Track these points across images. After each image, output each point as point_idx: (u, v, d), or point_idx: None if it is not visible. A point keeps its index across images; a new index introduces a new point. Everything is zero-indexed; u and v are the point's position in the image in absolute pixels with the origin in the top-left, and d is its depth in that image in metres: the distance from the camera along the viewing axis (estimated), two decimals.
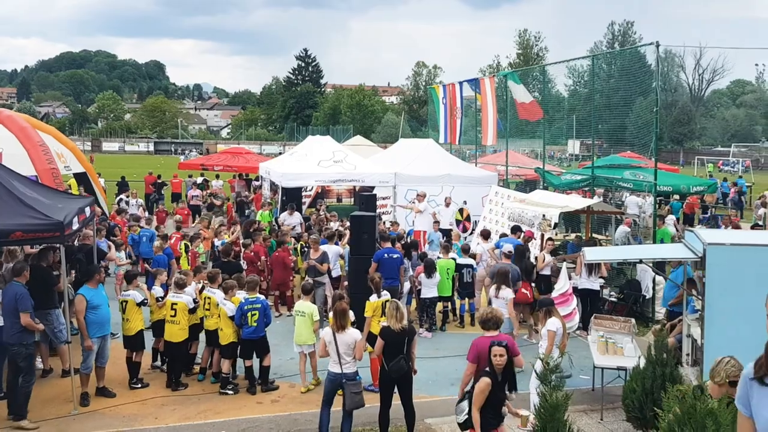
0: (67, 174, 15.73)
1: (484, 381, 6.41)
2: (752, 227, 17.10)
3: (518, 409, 6.79)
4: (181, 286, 9.69)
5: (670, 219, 20.79)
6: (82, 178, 16.16)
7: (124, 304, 9.67)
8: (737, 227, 17.08)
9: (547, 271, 12.58)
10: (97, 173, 19.83)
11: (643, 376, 7.79)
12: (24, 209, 8.27)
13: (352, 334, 7.98)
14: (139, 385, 9.67)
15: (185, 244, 14.01)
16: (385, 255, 11.85)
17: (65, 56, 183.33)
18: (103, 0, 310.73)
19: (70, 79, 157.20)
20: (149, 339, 10.16)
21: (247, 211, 22.39)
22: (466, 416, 6.59)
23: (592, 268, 11.93)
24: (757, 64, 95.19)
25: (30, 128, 14.35)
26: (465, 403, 6.72)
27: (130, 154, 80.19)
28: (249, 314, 9.31)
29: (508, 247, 11.92)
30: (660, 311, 13.10)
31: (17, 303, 8.34)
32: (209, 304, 9.75)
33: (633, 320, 9.94)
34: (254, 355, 9.62)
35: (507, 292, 10.51)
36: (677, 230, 17.78)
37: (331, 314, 8.47)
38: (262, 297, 9.83)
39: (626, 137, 23.09)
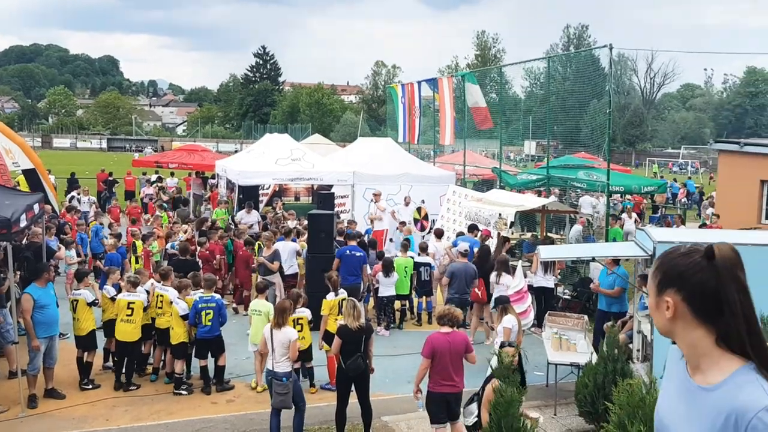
0: (15, 170, 15.26)
1: (496, 382, 6.39)
2: (700, 226, 17.67)
3: (528, 410, 6.74)
4: (135, 284, 9.50)
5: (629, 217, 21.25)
6: (31, 175, 15.66)
7: (74, 303, 9.47)
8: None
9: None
10: (47, 170, 19.28)
11: (595, 372, 7.96)
12: None
13: (288, 333, 7.90)
14: (90, 386, 9.48)
15: (135, 242, 13.74)
16: (347, 252, 11.87)
17: (14, 49, 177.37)
18: None
19: (19, 73, 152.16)
20: (101, 339, 9.94)
21: (202, 209, 22.09)
22: (476, 418, 6.60)
23: (548, 266, 12.14)
24: (705, 69, 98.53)
25: None
26: (474, 406, 6.74)
27: (82, 150, 78.11)
28: (203, 313, 9.19)
29: (463, 246, 12.04)
30: None
31: None
32: (161, 302, 9.58)
33: (586, 317, 10.16)
34: (209, 355, 9.50)
35: (507, 279, 10.56)
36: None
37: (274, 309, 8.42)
38: (218, 296, 9.71)
39: (581, 138, 23.55)
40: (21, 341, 9.43)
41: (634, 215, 20.16)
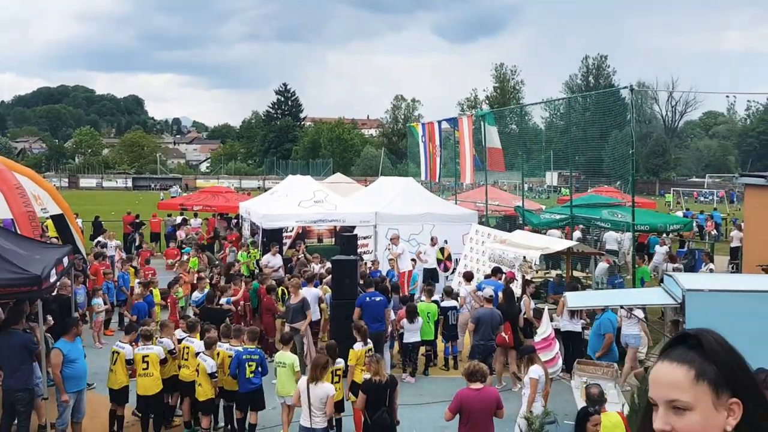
0: (43, 216, 15.55)
1: None
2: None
3: None
4: (147, 337, 9.53)
5: (662, 249, 20.85)
6: (59, 220, 15.93)
7: (115, 355, 9.49)
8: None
9: (531, 314, 12.61)
10: (75, 213, 19.61)
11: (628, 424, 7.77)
12: (1, 263, 8.14)
13: (326, 388, 7.89)
14: None
15: (153, 291, 13.77)
16: (367, 299, 11.80)
17: (42, 91, 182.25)
18: (79, 35, 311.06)
19: (47, 114, 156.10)
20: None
21: (227, 251, 22.22)
22: None
23: (575, 310, 11.97)
24: (727, 96, 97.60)
25: (6, 170, 14.19)
26: None
27: (107, 189, 79.48)
28: (246, 365, 9.16)
29: (488, 291, 11.93)
30: (642, 351, 13.17)
31: (27, 348, 8.64)
32: (187, 354, 9.60)
33: (616, 365, 9.97)
34: (249, 408, 9.44)
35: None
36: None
37: (310, 364, 8.41)
38: (260, 348, 9.70)
39: (603, 169, 23.44)
40: (49, 395, 9.52)
41: (665, 248, 19.72)
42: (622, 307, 10.22)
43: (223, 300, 12.87)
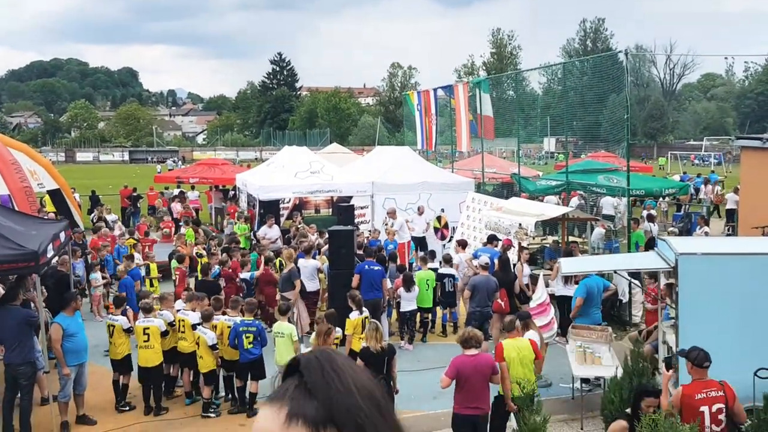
0: (40, 191, 15.55)
1: (620, 424, 6.28)
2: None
3: None
4: (147, 310, 9.63)
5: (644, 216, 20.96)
6: (56, 195, 15.95)
7: (111, 328, 9.64)
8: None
9: (525, 281, 12.71)
10: (72, 188, 19.60)
11: (621, 386, 7.93)
12: None
13: None
14: (127, 408, 9.66)
15: (149, 264, 13.84)
16: (366, 267, 11.91)
17: (35, 65, 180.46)
18: (71, 7, 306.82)
19: (41, 88, 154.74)
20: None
21: (224, 222, 22.28)
22: None
23: (569, 276, 12.06)
24: (726, 58, 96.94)
25: (1, 146, 14.18)
26: None
27: (104, 163, 79.19)
28: (244, 337, 9.27)
29: (484, 259, 12.00)
30: (636, 314, 13.33)
31: (27, 322, 8.73)
32: (183, 326, 9.71)
33: (610, 329, 10.10)
34: (249, 377, 9.57)
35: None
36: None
37: (314, 333, 8.50)
38: (258, 321, 9.79)
39: (600, 134, 23.34)
40: (51, 369, 9.65)
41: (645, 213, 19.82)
42: (615, 272, 10.30)
43: (245, 275, 12.94)
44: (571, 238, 16.10)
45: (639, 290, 12.86)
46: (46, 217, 14.11)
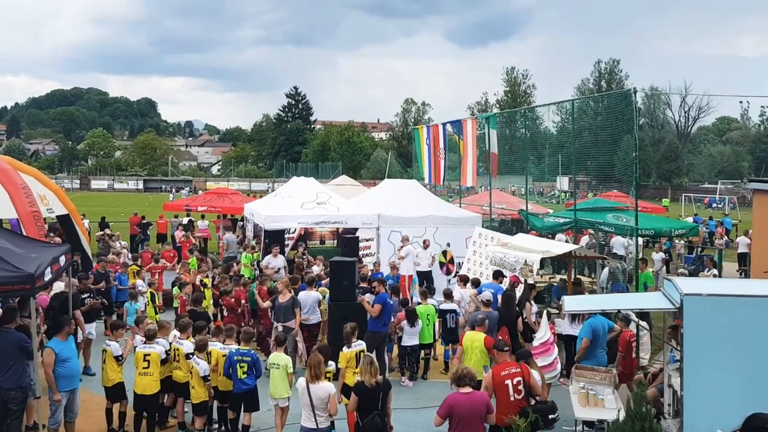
0: (49, 216, 15.59)
1: None
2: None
3: None
4: (151, 336, 9.51)
5: (658, 256, 20.67)
6: (65, 221, 15.97)
7: (104, 353, 9.52)
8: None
9: (533, 318, 12.48)
10: (82, 214, 19.69)
11: (623, 430, 7.63)
12: None
13: (326, 387, 7.85)
14: None
15: (153, 293, 13.75)
16: (389, 299, 11.89)
17: (56, 93, 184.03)
18: (93, 38, 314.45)
19: (60, 116, 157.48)
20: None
21: (232, 252, 22.22)
22: None
23: (576, 315, 11.82)
24: (741, 102, 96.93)
25: (12, 170, 14.23)
26: None
27: (119, 191, 80.00)
28: (238, 366, 9.11)
29: (486, 295, 11.80)
30: (644, 358, 13.00)
31: (20, 347, 8.58)
32: (178, 355, 9.56)
33: (614, 370, 9.82)
34: (242, 409, 9.37)
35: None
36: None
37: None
38: (253, 351, 9.65)
39: (614, 174, 23.19)
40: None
41: (661, 254, 19.63)
42: (619, 311, 10.06)
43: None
44: (582, 279, 15.85)
45: (646, 332, 12.56)
46: (50, 242, 14.08)
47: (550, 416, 8.05)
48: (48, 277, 8.97)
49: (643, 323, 12.38)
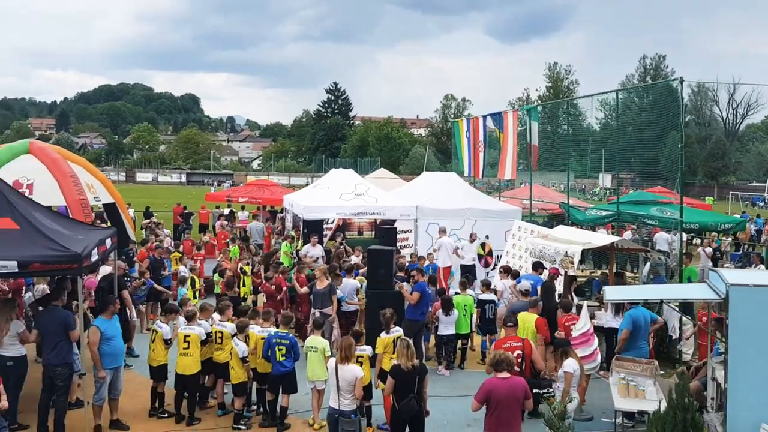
0: (96, 204, 16.02)
1: None
2: None
3: None
4: (191, 318, 9.69)
5: (704, 251, 20.22)
6: (111, 209, 16.38)
7: (154, 334, 9.75)
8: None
9: (572, 311, 12.31)
10: (127, 204, 20.17)
11: (664, 421, 7.48)
12: (43, 240, 8.36)
13: (354, 370, 7.91)
14: (166, 415, 9.71)
15: (193, 278, 14.02)
16: (427, 289, 11.89)
17: (103, 89, 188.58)
18: (139, 34, 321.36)
19: (107, 111, 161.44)
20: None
21: (273, 242, 22.50)
22: None
23: (619, 306, 11.62)
24: None
25: (61, 159, 14.67)
26: None
27: (162, 184, 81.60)
28: (277, 349, 9.24)
29: (525, 285, 11.70)
30: (687, 352, 12.71)
31: (65, 325, 8.83)
32: (220, 337, 9.73)
33: (656, 362, 9.63)
34: (280, 391, 9.51)
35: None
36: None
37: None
38: (291, 333, 9.76)
39: (659, 171, 22.70)
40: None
41: (708, 249, 19.18)
42: (662, 302, 9.86)
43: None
44: (619, 271, 15.56)
45: (690, 326, 12.28)
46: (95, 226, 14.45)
47: (541, 392, 8.34)
48: (94, 257, 9.20)
49: (687, 317, 12.12)
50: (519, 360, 8.59)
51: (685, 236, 15.73)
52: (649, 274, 14.25)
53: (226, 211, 28.22)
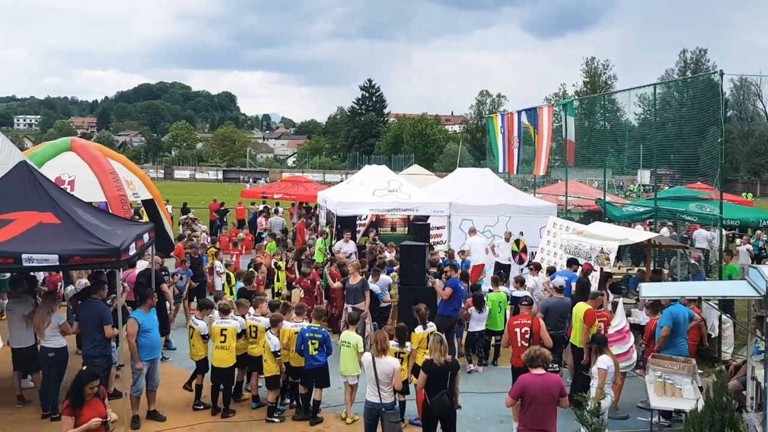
0: (135, 200, 16.35)
1: None
2: None
3: None
4: (226, 311, 9.83)
5: (744, 248, 19.69)
6: (149, 205, 16.70)
7: (191, 330, 9.94)
8: None
9: (609, 308, 12.15)
10: (165, 200, 20.55)
11: (701, 420, 7.33)
12: (83, 235, 8.57)
13: (391, 362, 7.95)
14: (202, 407, 9.90)
15: (229, 274, 14.18)
16: (460, 285, 11.88)
17: (143, 87, 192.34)
18: (177, 33, 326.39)
19: (146, 109, 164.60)
20: None
21: (306, 238, 22.68)
22: None
23: (657, 304, 11.40)
24: None
25: (101, 156, 15.04)
26: None
27: (200, 181, 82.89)
28: (310, 343, 9.33)
29: (558, 281, 11.55)
30: (727, 351, 12.43)
31: (102, 318, 9.05)
32: (255, 331, 9.86)
33: (693, 360, 9.44)
34: (313, 385, 9.61)
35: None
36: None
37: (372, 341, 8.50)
38: (324, 328, 9.86)
39: (699, 167, 22.23)
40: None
41: (748, 246, 18.70)
42: (700, 299, 9.65)
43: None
44: (657, 268, 15.28)
45: (730, 324, 12.00)
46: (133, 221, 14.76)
47: None
48: (132, 251, 9.39)
49: (727, 315, 11.84)
50: (527, 336, 9.45)
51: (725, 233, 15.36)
52: (686, 270, 13.96)
53: (261, 207, 28.53)
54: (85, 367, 7.34)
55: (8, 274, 12.19)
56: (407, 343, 9.27)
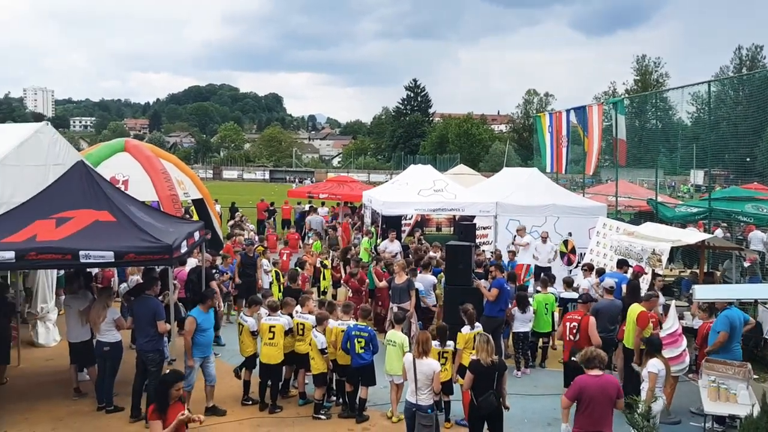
0: (185, 200, 16.75)
1: None
2: None
3: None
4: (274, 308, 9.97)
5: None
6: (199, 204, 17.06)
7: (240, 327, 10.10)
8: None
9: (659, 310, 11.87)
10: (215, 200, 20.97)
11: (756, 426, 7.11)
12: (137, 233, 8.84)
13: (431, 364, 7.93)
14: (251, 402, 10.04)
15: (277, 272, 14.35)
16: (506, 285, 11.80)
17: (192, 90, 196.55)
18: (226, 36, 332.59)
19: (196, 111, 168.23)
20: None
21: (352, 237, 22.83)
22: None
23: (712, 307, 11.09)
24: None
25: (154, 157, 15.47)
26: None
27: (247, 181, 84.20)
28: (356, 341, 9.39)
29: (609, 282, 11.33)
30: None
31: (155, 313, 9.23)
32: (302, 329, 9.97)
33: (749, 365, 9.14)
34: (360, 383, 9.66)
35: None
36: None
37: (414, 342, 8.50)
38: (370, 326, 9.90)
39: (755, 167, 21.58)
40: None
41: None
42: (756, 302, 9.35)
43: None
44: (710, 271, 14.85)
45: None
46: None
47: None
48: (184, 249, 9.64)
49: None
50: (574, 331, 9.77)
51: None
52: (743, 273, 13.53)
53: (307, 206, 28.84)
54: (168, 370, 7.40)
55: (63, 271, 12.68)
56: (449, 342, 9.23)
